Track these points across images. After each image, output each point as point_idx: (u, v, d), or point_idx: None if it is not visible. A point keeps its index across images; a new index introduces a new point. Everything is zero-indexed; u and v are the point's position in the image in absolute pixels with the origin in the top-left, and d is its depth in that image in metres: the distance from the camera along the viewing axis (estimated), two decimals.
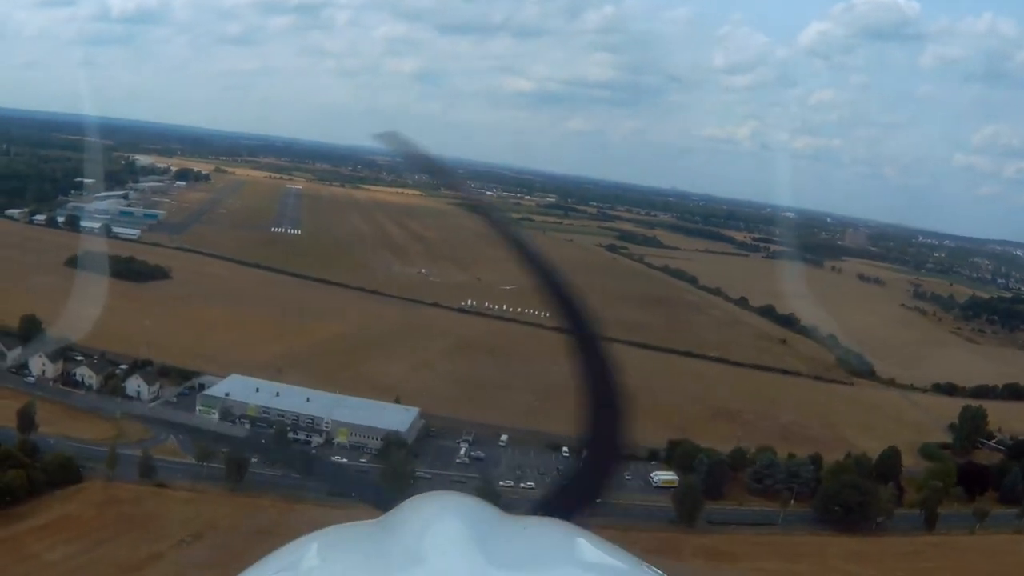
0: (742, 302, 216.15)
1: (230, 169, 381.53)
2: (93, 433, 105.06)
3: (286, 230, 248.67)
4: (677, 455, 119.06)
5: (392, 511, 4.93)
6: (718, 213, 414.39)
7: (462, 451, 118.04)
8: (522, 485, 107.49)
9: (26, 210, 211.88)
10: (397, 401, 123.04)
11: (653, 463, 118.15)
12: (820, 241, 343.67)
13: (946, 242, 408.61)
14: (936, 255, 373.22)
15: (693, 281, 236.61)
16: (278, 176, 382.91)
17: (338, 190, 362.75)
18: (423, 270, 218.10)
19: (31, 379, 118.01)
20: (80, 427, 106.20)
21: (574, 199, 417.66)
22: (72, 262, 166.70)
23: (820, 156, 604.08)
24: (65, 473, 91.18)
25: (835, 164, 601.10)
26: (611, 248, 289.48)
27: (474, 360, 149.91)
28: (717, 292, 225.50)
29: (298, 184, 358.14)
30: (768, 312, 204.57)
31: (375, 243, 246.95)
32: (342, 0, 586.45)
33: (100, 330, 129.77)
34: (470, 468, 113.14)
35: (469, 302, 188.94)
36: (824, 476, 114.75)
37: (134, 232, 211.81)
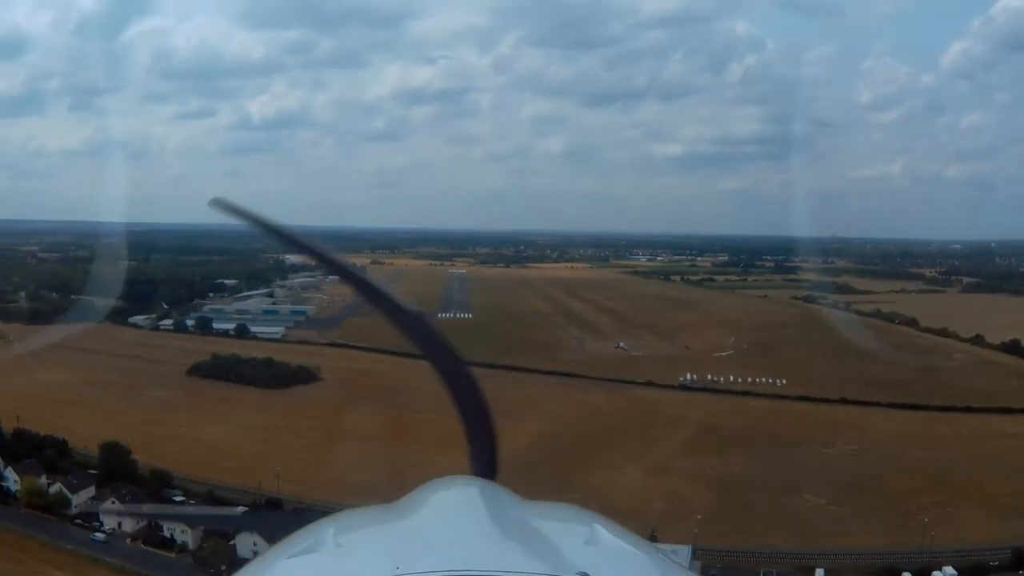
0: (978, 340, 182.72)
1: (387, 260, 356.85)
2: None
3: (455, 314, 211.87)
4: None
5: (407, 495, 4.86)
6: (892, 253, 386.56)
7: None
8: None
9: (153, 316, 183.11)
10: (654, 537, 78.96)
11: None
12: (1005, 269, 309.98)
13: None
14: None
15: (913, 324, 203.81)
16: (438, 263, 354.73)
17: (504, 270, 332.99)
18: (620, 344, 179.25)
19: (100, 535, 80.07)
20: None
21: (745, 255, 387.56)
22: (196, 370, 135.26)
23: (972, 182, 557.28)
24: None
25: (988, 189, 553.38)
26: (808, 300, 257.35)
27: (728, 453, 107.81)
28: (945, 333, 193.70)
29: (461, 268, 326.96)
30: (1014, 348, 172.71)
31: (558, 320, 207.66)
32: (482, 83, 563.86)
33: (211, 456, 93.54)
34: None
35: (689, 376, 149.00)
36: None
37: (277, 331, 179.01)
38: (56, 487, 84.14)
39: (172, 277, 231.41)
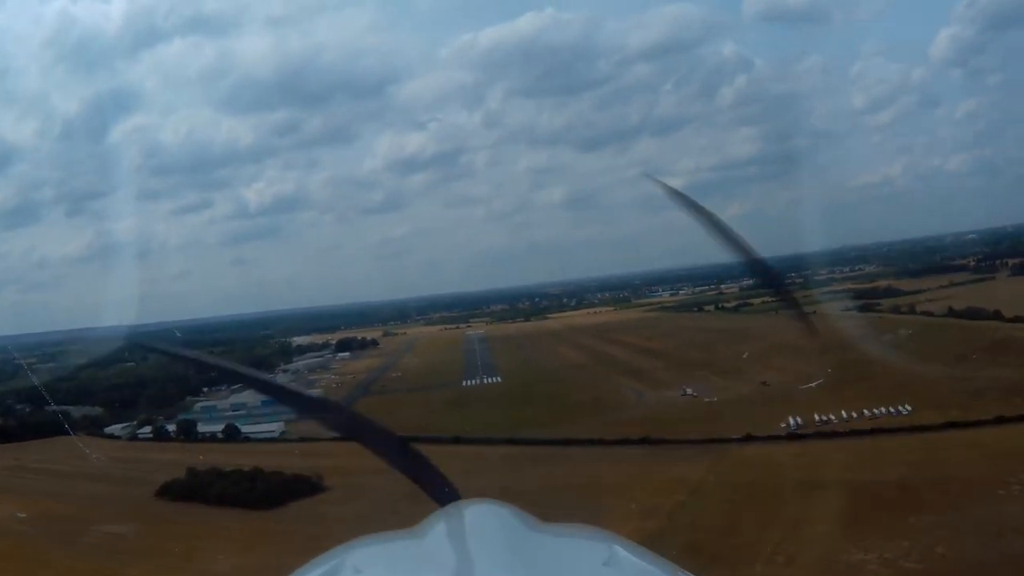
0: None
1: (400, 331, 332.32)
2: None
3: (481, 380, 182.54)
4: None
5: (425, 521, 4.99)
6: (916, 251, 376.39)
7: None
8: None
9: (133, 423, 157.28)
10: None
11: None
12: None
13: None
14: None
15: (998, 316, 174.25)
16: (453, 327, 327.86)
17: (525, 324, 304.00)
18: (687, 390, 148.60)
19: None
20: None
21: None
22: (166, 491, 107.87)
23: (976, 170, 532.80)
24: None
25: (993, 174, 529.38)
26: (864, 308, 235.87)
27: (905, 523, 74.57)
28: None
29: (479, 329, 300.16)
30: None
31: (602, 371, 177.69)
32: (475, 141, 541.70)
33: None
34: None
35: (792, 421, 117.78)
36: None
37: (274, 428, 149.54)
38: None
39: (164, 376, 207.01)
